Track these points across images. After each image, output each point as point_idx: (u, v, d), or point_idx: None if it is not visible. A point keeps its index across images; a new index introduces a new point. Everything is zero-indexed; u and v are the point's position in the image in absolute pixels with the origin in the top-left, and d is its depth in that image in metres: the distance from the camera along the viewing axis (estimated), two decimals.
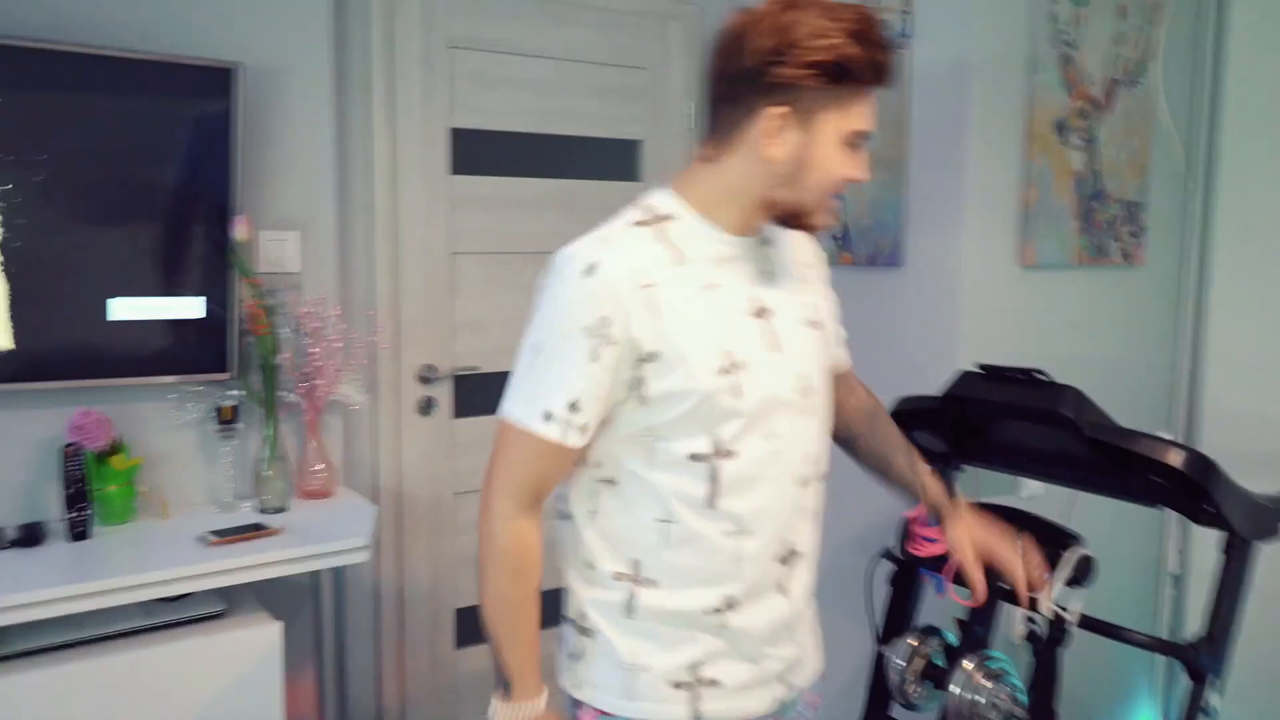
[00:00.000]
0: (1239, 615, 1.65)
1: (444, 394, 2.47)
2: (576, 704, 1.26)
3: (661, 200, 1.23)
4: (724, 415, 1.18)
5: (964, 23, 2.22)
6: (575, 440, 1.16)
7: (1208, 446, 2.72)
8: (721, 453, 1.19)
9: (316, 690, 2.02)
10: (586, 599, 1.25)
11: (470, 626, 2.52)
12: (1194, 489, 1.57)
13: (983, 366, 1.84)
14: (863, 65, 1.13)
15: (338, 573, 2.18)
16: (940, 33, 2.28)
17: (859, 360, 2.54)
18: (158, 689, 1.73)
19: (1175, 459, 1.57)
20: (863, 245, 2.47)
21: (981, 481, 2.15)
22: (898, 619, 1.91)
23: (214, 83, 1.97)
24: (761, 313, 1.23)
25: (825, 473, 1.32)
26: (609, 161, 2.70)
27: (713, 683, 1.23)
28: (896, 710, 1.90)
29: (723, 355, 1.18)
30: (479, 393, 2.49)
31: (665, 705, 1.22)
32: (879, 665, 1.87)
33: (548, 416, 1.15)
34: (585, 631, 1.25)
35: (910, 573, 1.89)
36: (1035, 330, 2.41)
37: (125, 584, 1.68)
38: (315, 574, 2.10)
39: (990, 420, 1.87)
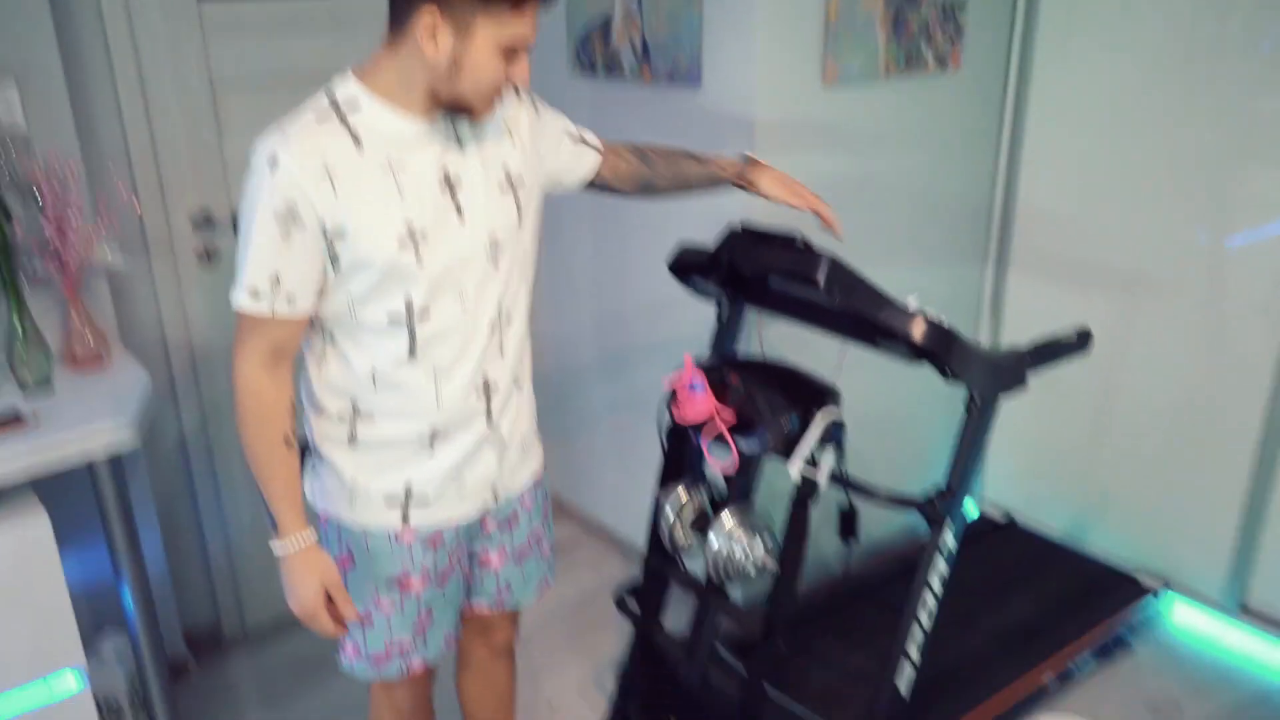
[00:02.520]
0: (977, 466, 1.72)
1: (226, 240, 2.33)
2: (315, 514, 1.51)
3: (344, 88, 1.34)
4: (409, 281, 1.35)
5: None
6: (285, 310, 1.32)
7: (1019, 245, 2.77)
8: (415, 314, 1.37)
9: (113, 565, 2.02)
10: (318, 431, 1.48)
11: None
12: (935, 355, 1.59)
13: (745, 227, 1.79)
14: None
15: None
16: None
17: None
18: None
19: (915, 331, 1.57)
20: (661, 61, 2.31)
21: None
22: (673, 469, 1.96)
23: None
24: (449, 184, 1.37)
25: (512, 317, 1.49)
26: None
27: (421, 499, 1.48)
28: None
29: (404, 226, 1.33)
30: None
31: (380, 516, 1.48)
32: (655, 512, 1.93)
33: (255, 294, 1.31)
34: (319, 456, 1.49)
35: (683, 429, 1.92)
36: (840, 148, 2.33)
37: None
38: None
39: (760, 274, 1.84)
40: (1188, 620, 2.58)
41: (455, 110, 1.34)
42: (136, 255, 2.21)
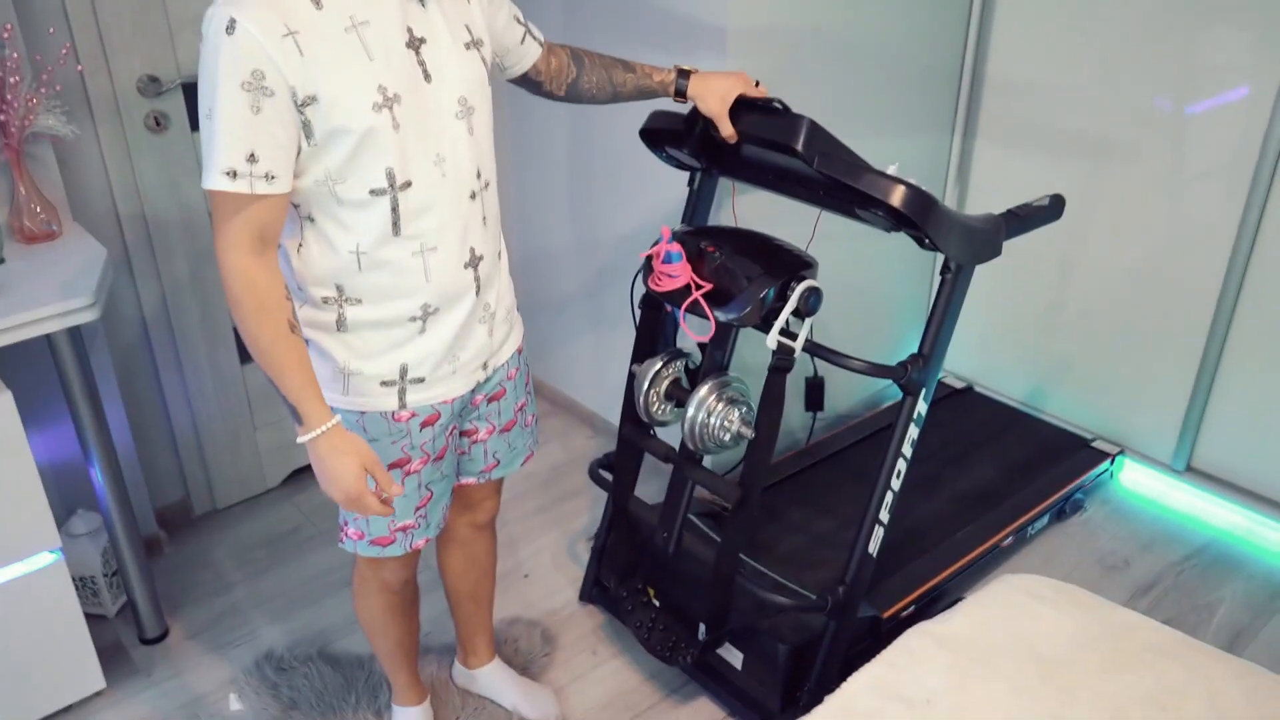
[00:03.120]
0: (950, 334, 1.74)
1: (175, 107, 2.23)
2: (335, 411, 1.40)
3: None
4: (387, 148, 1.28)
5: None
6: (264, 188, 1.23)
7: (986, 113, 2.75)
8: (396, 185, 1.31)
9: (80, 443, 2.00)
10: (303, 319, 1.40)
11: None
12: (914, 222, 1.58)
13: None
14: None
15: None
16: None
17: (627, 39, 2.40)
18: None
19: (895, 198, 1.56)
20: None
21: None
22: (647, 343, 1.96)
23: None
24: (415, 43, 1.31)
25: (489, 183, 1.46)
26: None
27: (417, 380, 1.46)
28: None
29: (377, 91, 1.26)
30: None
31: (376, 399, 1.45)
32: (630, 384, 1.94)
33: (232, 174, 1.21)
34: (309, 343, 1.42)
35: (657, 301, 1.91)
36: (814, 8, 2.26)
37: None
38: None
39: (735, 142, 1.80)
40: (1136, 481, 2.68)
41: None
42: (82, 123, 2.11)
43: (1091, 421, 2.77)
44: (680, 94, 1.71)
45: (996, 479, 2.55)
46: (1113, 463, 2.65)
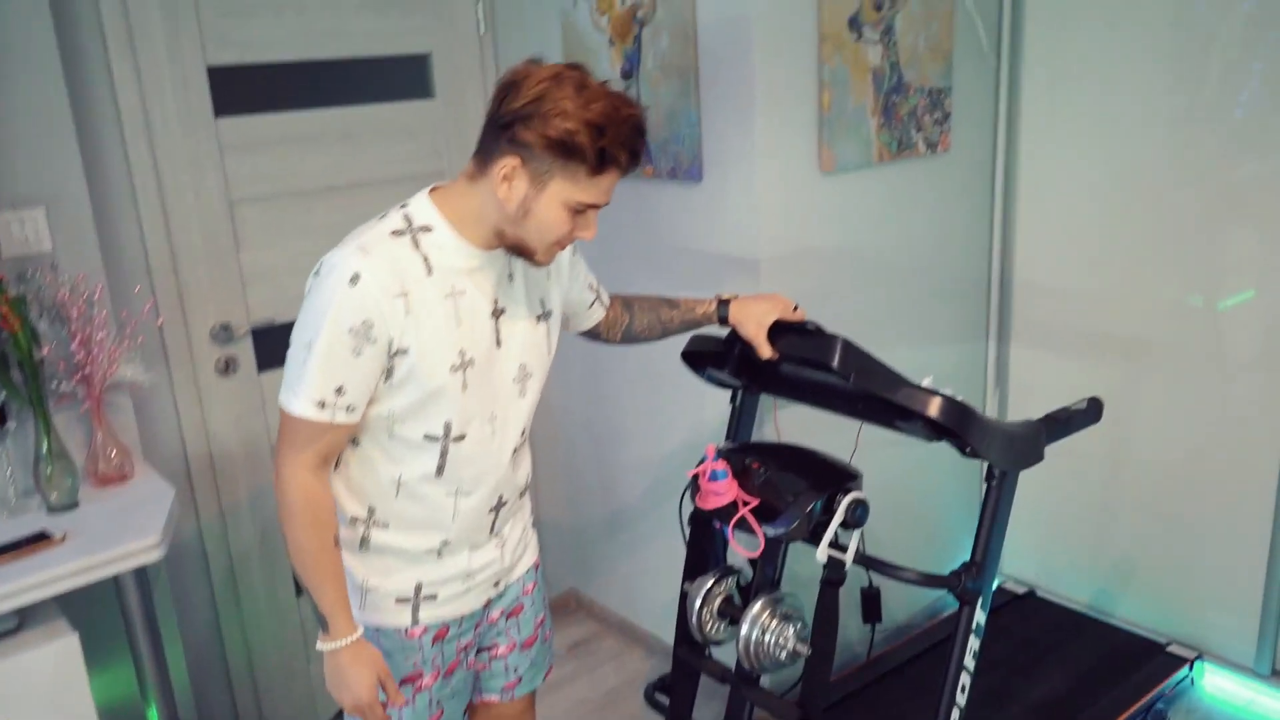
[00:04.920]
0: (1001, 539, 1.73)
1: (244, 351, 2.37)
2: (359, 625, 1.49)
3: (420, 210, 1.39)
4: (452, 404, 1.41)
5: None
6: (344, 419, 1.36)
7: (1019, 319, 2.82)
8: (451, 435, 1.43)
9: (139, 682, 2.01)
10: None
11: None
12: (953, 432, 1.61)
13: None
14: (590, 152, 1.29)
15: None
16: None
17: (665, 274, 2.52)
18: None
19: (932, 409, 1.60)
20: (663, 159, 2.39)
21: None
22: (698, 560, 1.97)
23: None
24: (497, 313, 1.45)
25: (527, 436, 1.58)
26: (396, 81, 2.52)
27: (430, 597, 1.53)
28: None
29: (458, 354, 1.40)
30: (283, 343, 2.37)
31: (390, 615, 1.52)
32: (683, 603, 1.93)
33: (321, 405, 1.33)
34: None
35: (705, 518, 1.93)
36: (841, 232, 2.39)
37: None
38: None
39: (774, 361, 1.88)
40: (1219, 687, 2.55)
41: (517, 252, 1.41)
42: (158, 369, 2.25)
43: (1163, 624, 2.67)
44: (723, 320, 1.81)
45: (1069, 690, 2.44)
46: (1191, 668, 2.53)
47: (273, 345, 2.40)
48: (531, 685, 1.77)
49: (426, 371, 1.37)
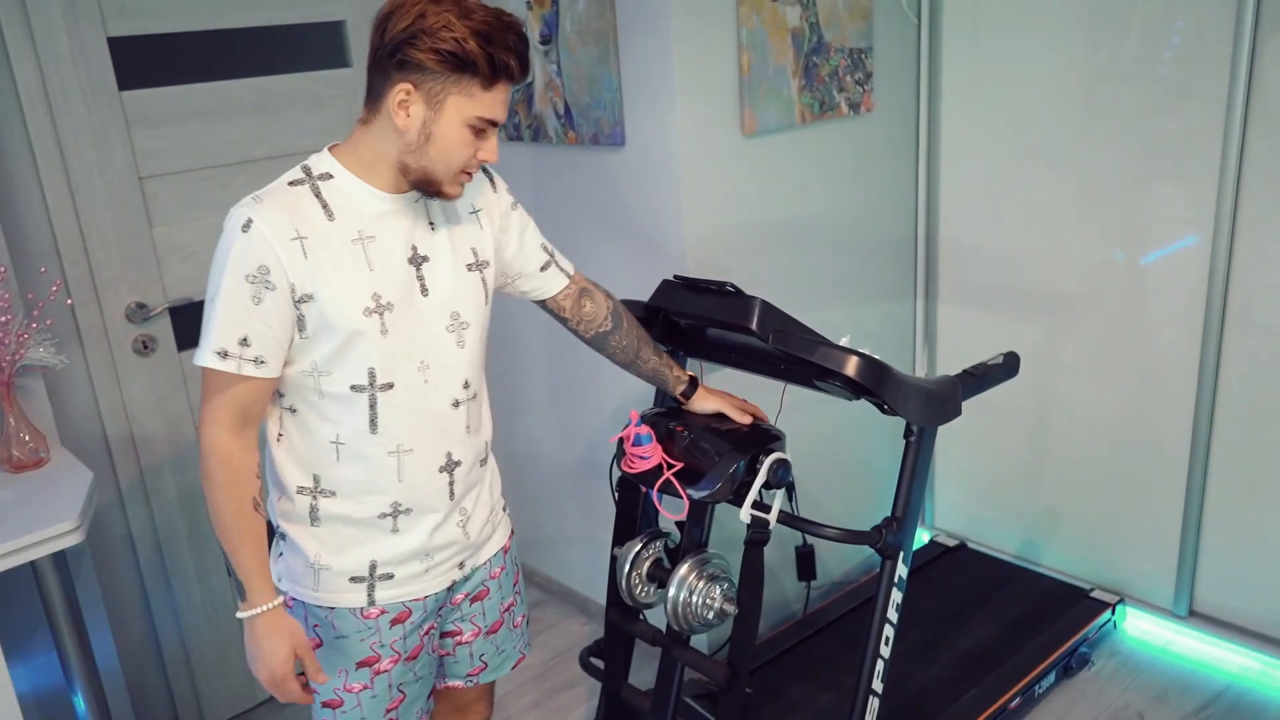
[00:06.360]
0: (922, 494, 1.76)
1: (163, 330, 2.32)
2: (280, 594, 1.46)
3: (319, 161, 1.40)
4: (372, 349, 1.38)
5: None
6: (251, 371, 1.34)
7: (946, 278, 2.86)
8: (377, 384, 1.40)
9: (64, 670, 1.98)
10: (280, 510, 1.49)
11: None
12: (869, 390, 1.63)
13: (679, 278, 1.83)
14: (482, 61, 1.30)
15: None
16: None
17: (591, 241, 2.51)
18: None
19: (849, 368, 1.62)
20: (585, 124, 2.37)
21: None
22: (627, 525, 1.98)
23: None
24: (417, 260, 1.43)
25: (476, 394, 1.54)
26: (310, 50, 2.46)
27: (386, 576, 1.49)
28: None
29: (370, 298, 1.37)
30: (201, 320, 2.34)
31: (344, 595, 1.49)
32: (613, 568, 1.94)
33: (223, 354, 1.32)
34: (281, 536, 1.51)
35: (633, 483, 1.94)
36: (766, 195, 2.40)
37: None
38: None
39: (697, 324, 1.88)
40: (1140, 629, 2.63)
41: (424, 187, 1.39)
42: (72, 352, 2.19)
43: (1088, 571, 2.75)
44: (685, 397, 1.84)
45: (997, 638, 2.51)
46: (1114, 612, 2.61)
47: (192, 323, 2.31)
48: (498, 673, 1.73)
49: (337, 313, 1.35)
